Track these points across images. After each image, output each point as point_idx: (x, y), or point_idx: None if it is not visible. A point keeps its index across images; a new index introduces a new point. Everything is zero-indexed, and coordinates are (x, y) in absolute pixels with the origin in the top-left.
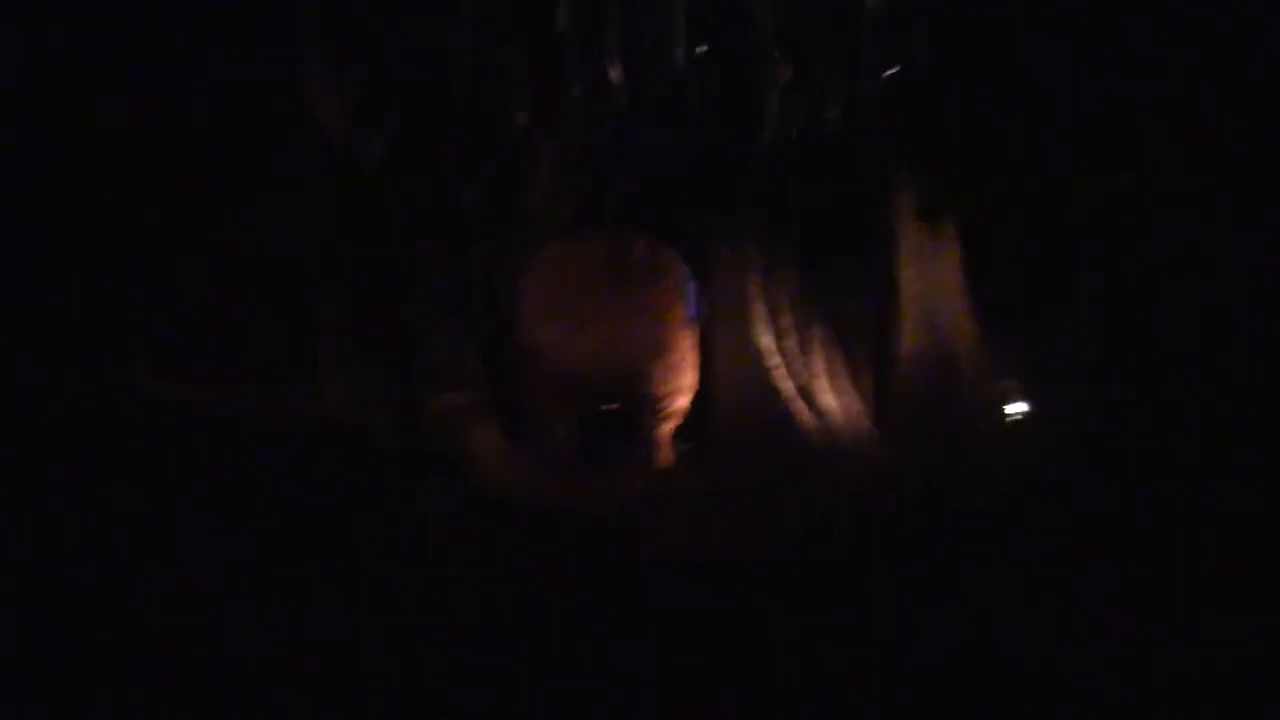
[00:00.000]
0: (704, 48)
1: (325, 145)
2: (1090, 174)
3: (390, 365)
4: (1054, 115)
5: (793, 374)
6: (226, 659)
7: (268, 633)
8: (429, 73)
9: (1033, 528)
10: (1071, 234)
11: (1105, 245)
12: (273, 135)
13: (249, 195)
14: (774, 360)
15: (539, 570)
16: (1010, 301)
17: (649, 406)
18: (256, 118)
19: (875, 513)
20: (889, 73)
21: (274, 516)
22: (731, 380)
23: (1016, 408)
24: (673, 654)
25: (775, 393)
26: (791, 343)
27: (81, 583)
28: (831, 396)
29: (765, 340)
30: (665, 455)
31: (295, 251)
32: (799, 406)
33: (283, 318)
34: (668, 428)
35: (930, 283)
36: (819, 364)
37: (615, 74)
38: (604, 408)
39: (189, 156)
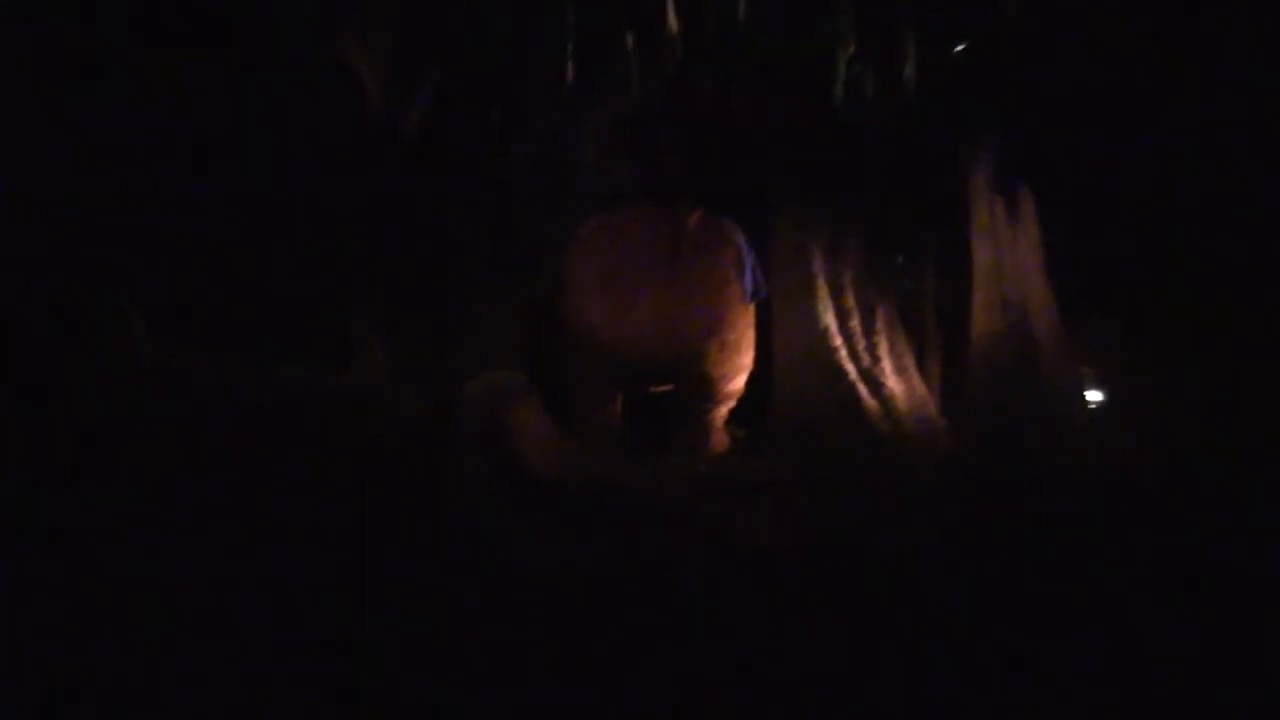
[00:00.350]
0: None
1: (360, 104)
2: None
3: (426, 341)
4: (1146, 83)
5: (855, 357)
6: (236, 647)
7: (286, 624)
8: (472, 28)
9: (1124, 530)
10: (1157, 212)
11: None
12: (304, 91)
13: (276, 156)
14: (836, 342)
15: (586, 560)
16: (1087, 282)
17: (703, 388)
18: (287, 71)
19: (946, 508)
20: (963, 38)
21: (298, 499)
22: (790, 362)
23: (1092, 396)
24: (728, 649)
25: (837, 376)
26: (855, 323)
27: (88, 559)
28: (896, 380)
29: (827, 320)
30: (719, 441)
31: (325, 218)
32: (862, 391)
33: (311, 289)
34: (722, 411)
35: (1006, 259)
36: (883, 346)
37: (673, 26)
38: (654, 389)
39: (211, 113)
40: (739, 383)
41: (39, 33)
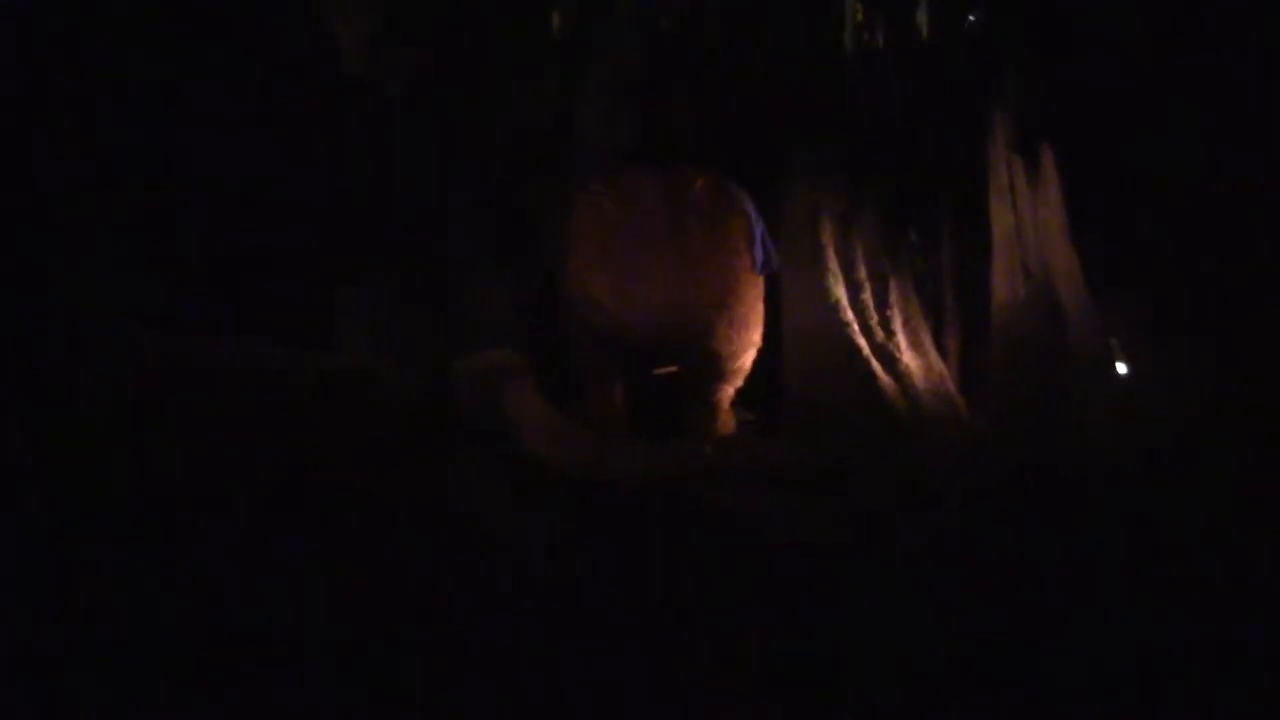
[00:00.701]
0: None
1: (344, 65)
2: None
3: (418, 319)
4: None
5: (868, 332)
6: (229, 641)
7: (274, 615)
8: None
9: (1157, 509)
10: (1187, 178)
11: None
12: (284, 53)
13: (257, 124)
14: (848, 316)
15: (587, 550)
16: (1111, 250)
17: (710, 366)
18: (265, 32)
19: (969, 494)
20: None
21: (282, 486)
22: (800, 339)
23: (1118, 368)
24: (740, 642)
25: (850, 353)
26: (868, 296)
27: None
28: (912, 356)
29: (839, 293)
30: (726, 423)
31: (310, 188)
32: (876, 368)
33: (296, 263)
34: (729, 392)
35: (1026, 222)
36: (898, 321)
37: None
38: (659, 371)
39: (190, 81)
40: (747, 360)
41: None
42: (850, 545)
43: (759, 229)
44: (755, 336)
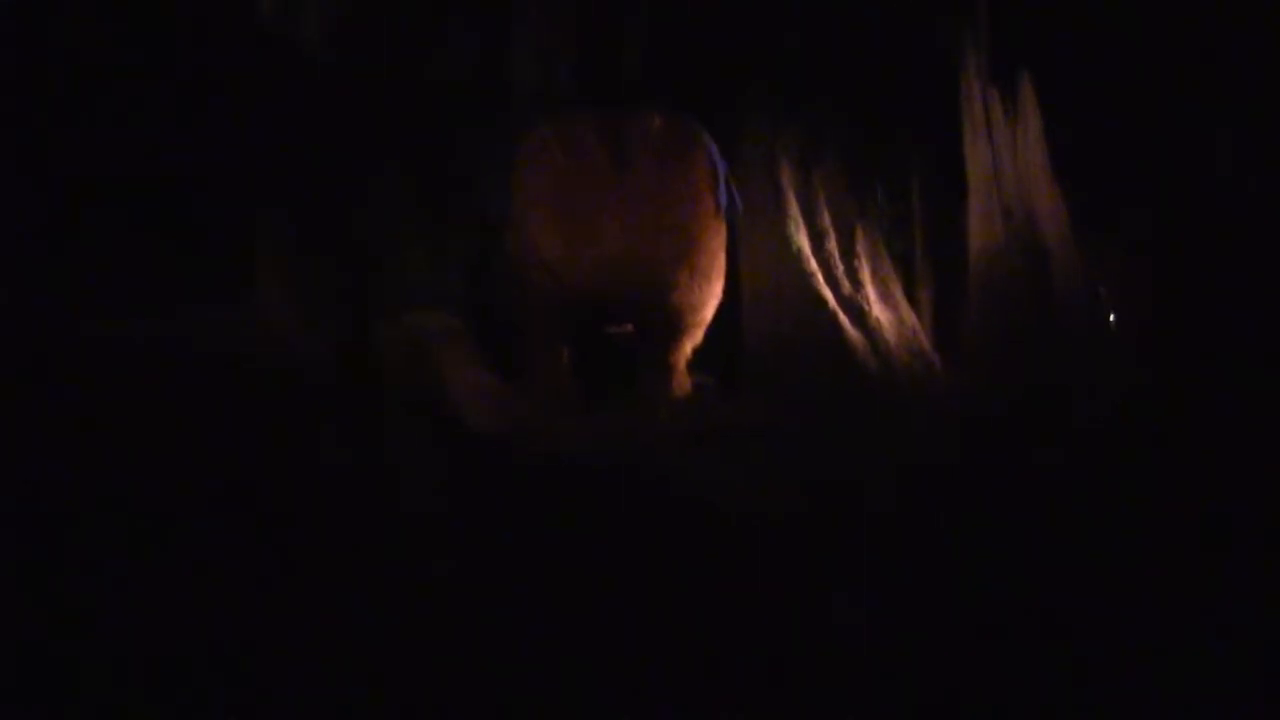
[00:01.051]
0: None
1: (256, 16)
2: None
3: (345, 281)
4: None
5: (834, 283)
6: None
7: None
8: None
9: (1155, 470)
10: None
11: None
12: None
13: (161, 69)
14: (811, 266)
15: (534, 531)
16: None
17: (669, 322)
18: None
19: (946, 452)
20: None
21: (190, 466)
22: (760, 292)
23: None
24: (703, 624)
25: (814, 306)
26: (832, 245)
27: None
28: (882, 309)
29: (800, 242)
30: (683, 385)
31: (222, 140)
32: (844, 322)
33: (209, 221)
34: (687, 350)
35: (1005, 161)
36: (865, 271)
37: None
38: (613, 329)
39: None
40: (708, 314)
41: None
42: (817, 515)
43: (722, 167)
44: (717, 288)
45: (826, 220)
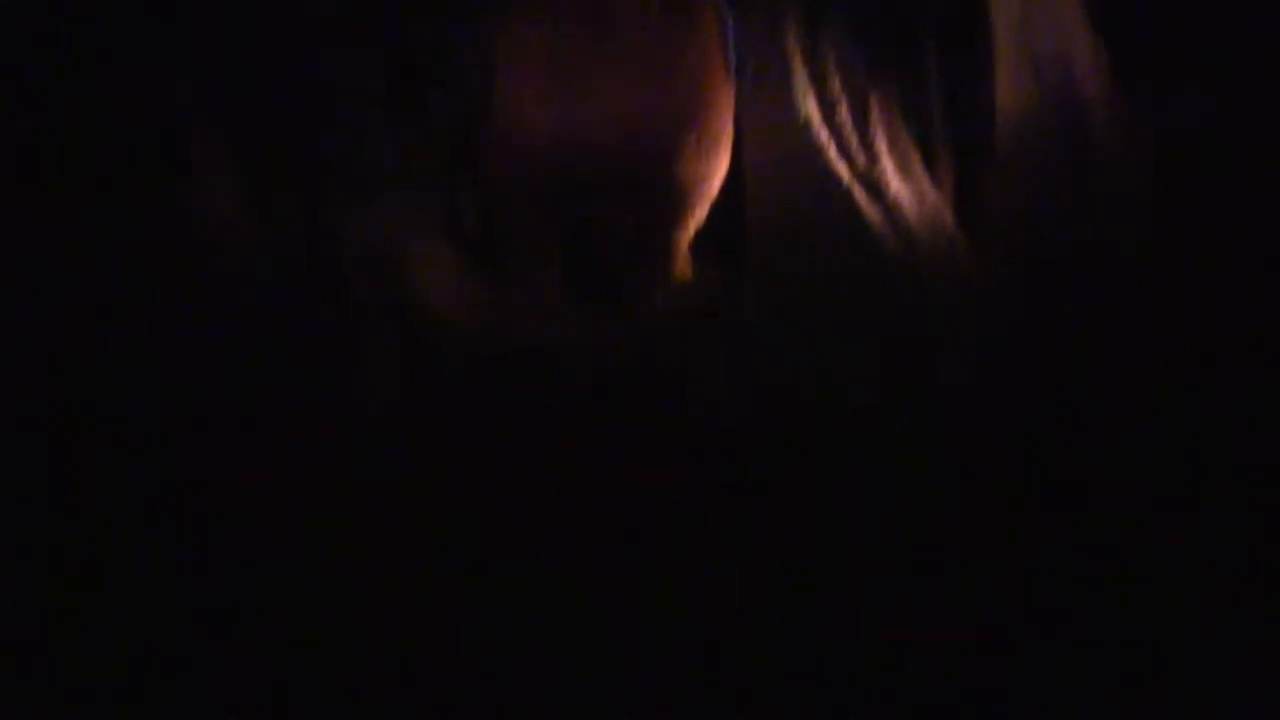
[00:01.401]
0: None
1: None
2: None
3: (294, 168)
4: None
5: (848, 156)
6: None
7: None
8: None
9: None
10: None
11: None
12: None
13: None
14: (822, 137)
15: (521, 448)
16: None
17: (672, 198)
18: None
19: (974, 350)
20: None
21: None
22: (764, 167)
23: None
24: (714, 541)
25: (826, 182)
26: (844, 113)
27: None
28: (901, 185)
29: (809, 110)
30: (684, 271)
31: (162, 33)
32: (859, 200)
33: (134, 101)
34: (690, 231)
35: (1037, 9)
36: (882, 142)
37: None
38: (611, 213)
39: None
40: (714, 187)
41: None
42: (832, 419)
43: (729, 23)
44: (725, 161)
45: (837, 86)
